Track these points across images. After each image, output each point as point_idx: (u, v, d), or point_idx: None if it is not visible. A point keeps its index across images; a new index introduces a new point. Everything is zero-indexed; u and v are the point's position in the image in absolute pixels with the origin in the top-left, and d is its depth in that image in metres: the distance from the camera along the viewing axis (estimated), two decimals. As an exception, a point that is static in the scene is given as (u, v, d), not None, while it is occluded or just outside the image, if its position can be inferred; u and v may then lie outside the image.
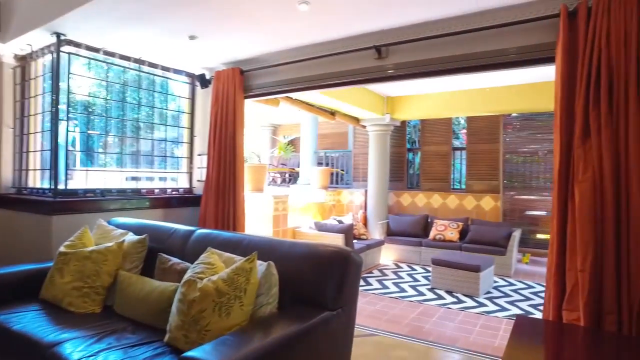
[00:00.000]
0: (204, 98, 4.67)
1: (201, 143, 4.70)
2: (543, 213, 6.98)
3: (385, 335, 3.47)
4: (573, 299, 2.48)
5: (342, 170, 8.96)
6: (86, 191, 3.63)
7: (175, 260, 2.49)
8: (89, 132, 4.44)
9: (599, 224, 2.42)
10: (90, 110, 4.95)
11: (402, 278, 5.86)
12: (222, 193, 4.24)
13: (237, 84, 4.20)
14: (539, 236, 6.89)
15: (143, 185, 4.37)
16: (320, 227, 6.15)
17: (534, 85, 5.94)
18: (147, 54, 4.03)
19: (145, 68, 4.20)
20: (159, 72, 4.34)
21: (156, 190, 4.30)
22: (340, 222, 6.67)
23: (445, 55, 3.22)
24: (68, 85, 3.47)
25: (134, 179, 4.51)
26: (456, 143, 8.87)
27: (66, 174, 3.55)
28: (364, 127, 7.68)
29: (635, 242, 2.32)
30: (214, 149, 4.30)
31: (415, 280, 5.76)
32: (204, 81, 4.57)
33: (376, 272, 6.13)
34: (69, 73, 3.49)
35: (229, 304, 1.88)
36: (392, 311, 4.38)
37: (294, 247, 2.32)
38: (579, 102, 2.52)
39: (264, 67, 4.09)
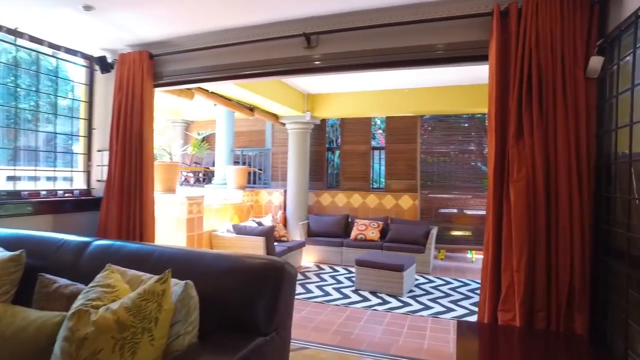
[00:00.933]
0: (106, 85, 3.99)
1: (102, 137, 4.01)
2: (454, 211, 7.33)
3: (316, 348, 3.22)
4: (508, 299, 2.46)
5: (260, 169, 8.59)
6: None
7: (63, 281, 1.97)
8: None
9: (533, 223, 2.42)
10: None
11: (325, 280, 5.70)
12: (127, 195, 3.66)
13: (145, 70, 3.66)
14: (453, 233, 7.20)
15: (24, 186, 3.61)
16: (239, 230, 5.75)
17: (447, 88, 6.16)
18: (27, 24, 3.28)
19: (25, 43, 3.44)
20: (46, 50, 3.61)
21: (43, 192, 3.58)
22: (259, 223, 6.32)
23: (376, 48, 3.07)
24: None
25: (11, 178, 3.70)
26: (373, 143, 8.97)
27: None
28: (284, 124, 7.41)
29: (563, 239, 2.36)
30: (117, 144, 3.70)
31: (339, 282, 5.62)
32: (104, 65, 3.91)
33: (298, 276, 5.89)
34: None
35: (134, 339, 1.47)
36: (318, 317, 4.17)
37: (216, 260, 1.95)
38: (512, 102, 2.51)
39: (178, 52, 3.61)
